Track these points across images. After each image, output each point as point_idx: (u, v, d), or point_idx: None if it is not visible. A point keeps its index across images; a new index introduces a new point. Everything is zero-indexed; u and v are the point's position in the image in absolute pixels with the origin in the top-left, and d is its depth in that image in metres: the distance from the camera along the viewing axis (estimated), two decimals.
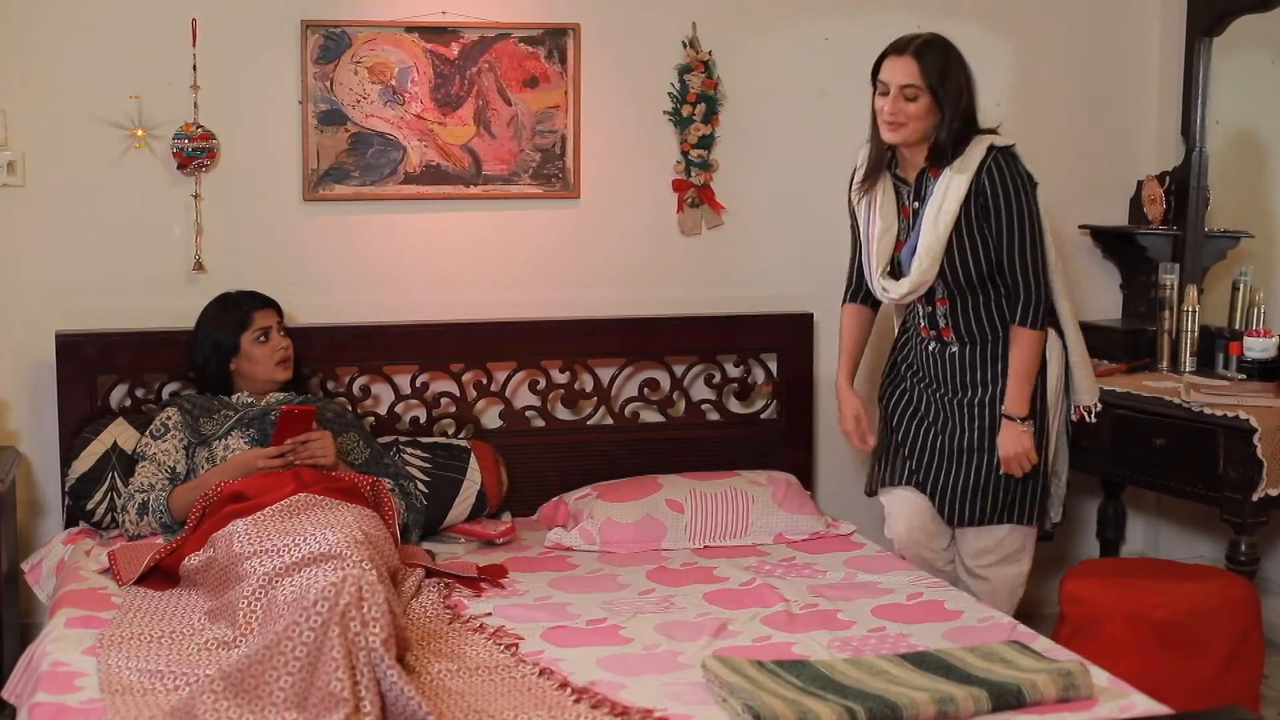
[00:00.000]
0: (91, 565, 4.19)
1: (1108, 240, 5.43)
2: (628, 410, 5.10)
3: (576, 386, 5.04)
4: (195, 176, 4.74)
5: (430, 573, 4.18)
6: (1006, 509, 4.30)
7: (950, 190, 4.15)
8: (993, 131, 4.23)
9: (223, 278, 4.73)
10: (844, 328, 4.55)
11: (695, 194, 5.13)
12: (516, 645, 3.66)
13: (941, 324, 4.31)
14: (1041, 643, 3.66)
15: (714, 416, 5.16)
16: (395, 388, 4.91)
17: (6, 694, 3.62)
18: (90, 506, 4.44)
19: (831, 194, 5.08)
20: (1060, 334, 4.29)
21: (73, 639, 3.60)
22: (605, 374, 5.06)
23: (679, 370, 5.10)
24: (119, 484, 4.43)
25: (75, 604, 3.88)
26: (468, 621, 3.85)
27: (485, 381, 4.97)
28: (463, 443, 4.81)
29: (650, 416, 5.13)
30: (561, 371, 5.02)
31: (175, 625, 3.69)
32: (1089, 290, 5.46)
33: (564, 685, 3.37)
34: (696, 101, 5.08)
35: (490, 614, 3.92)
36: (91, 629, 3.66)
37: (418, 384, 4.92)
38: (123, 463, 4.46)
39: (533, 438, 5.01)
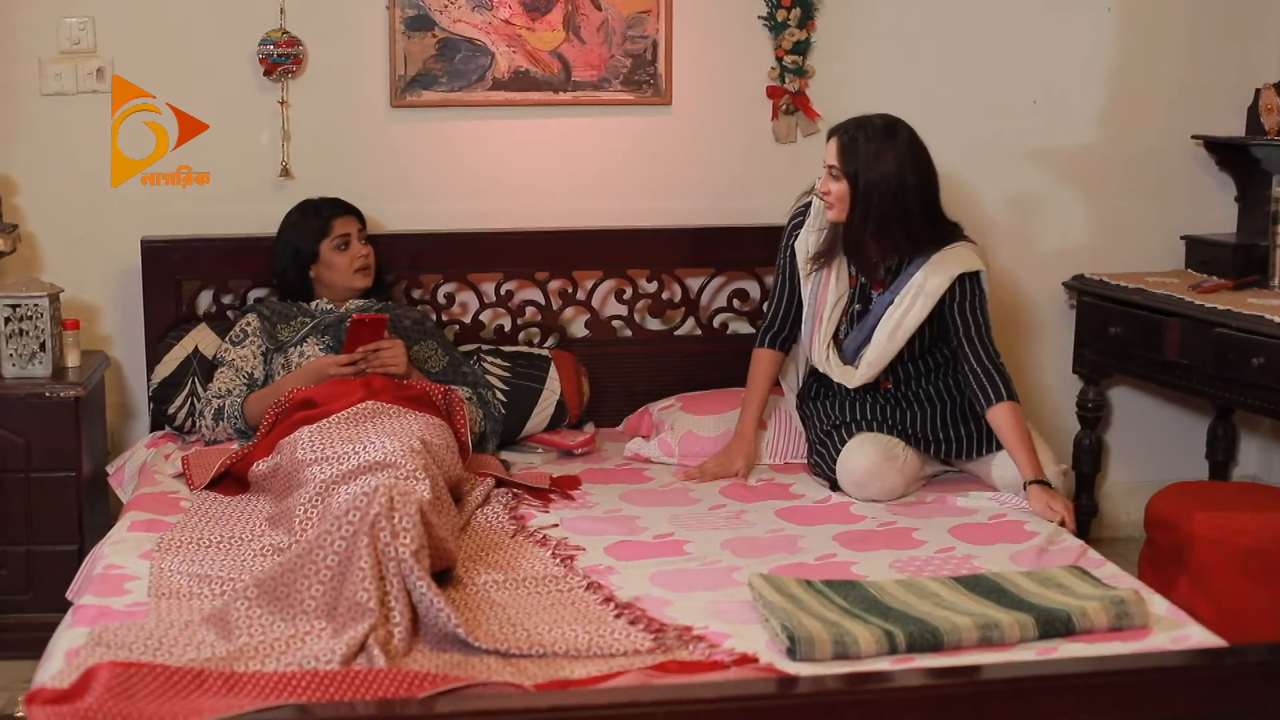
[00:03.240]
0: (168, 470, 4.25)
1: (1222, 151, 5.19)
2: (716, 321, 5.02)
3: (664, 296, 4.97)
4: (281, 83, 4.73)
5: (501, 483, 4.16)
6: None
7: (913, 309, 4.16)
8: (960, 233, 4.23)
9: (310, 184, 4.73)
10: (757, 373, 4.46)
11: (790, 101, 5.01)
12: (574, 558, 3.63)
13: (882, 378, 4.32)
14: (1107, 569, 3.55)
15: None
16: (480, 296, 4.88)
17: (70, 594, 3.68)
18: (171, 411, 4.50)
19: (929, 100, 4.97)
20: None
21: (132, 542, 3.65)
22: (694, 284, 4.99)
23: (770, 281, 5.00)
24: (199, 389, 4.47)
25: (143, 508, 3.94)
26: (532, 534, 3.82)
27: (571, 290, 4.92)
28: (543, 352, 4.78)
29: (740, 328, 5.04)
30: (649, 281, 4.96)
31: (236, 530, 3.72)
32: (1202, 203, 5.25)
33: (608, 600, 3.34)
34: (792, 6, 4.94)
35: (556, 525, 3.90)
36: (154, 533, 3.70)
37: (503, 292, 4.89)
38: (203, 368, 4.50)
39: (619, 348, 4.96)
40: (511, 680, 2.88)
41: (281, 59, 4.71)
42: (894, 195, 4.08)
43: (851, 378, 4.24)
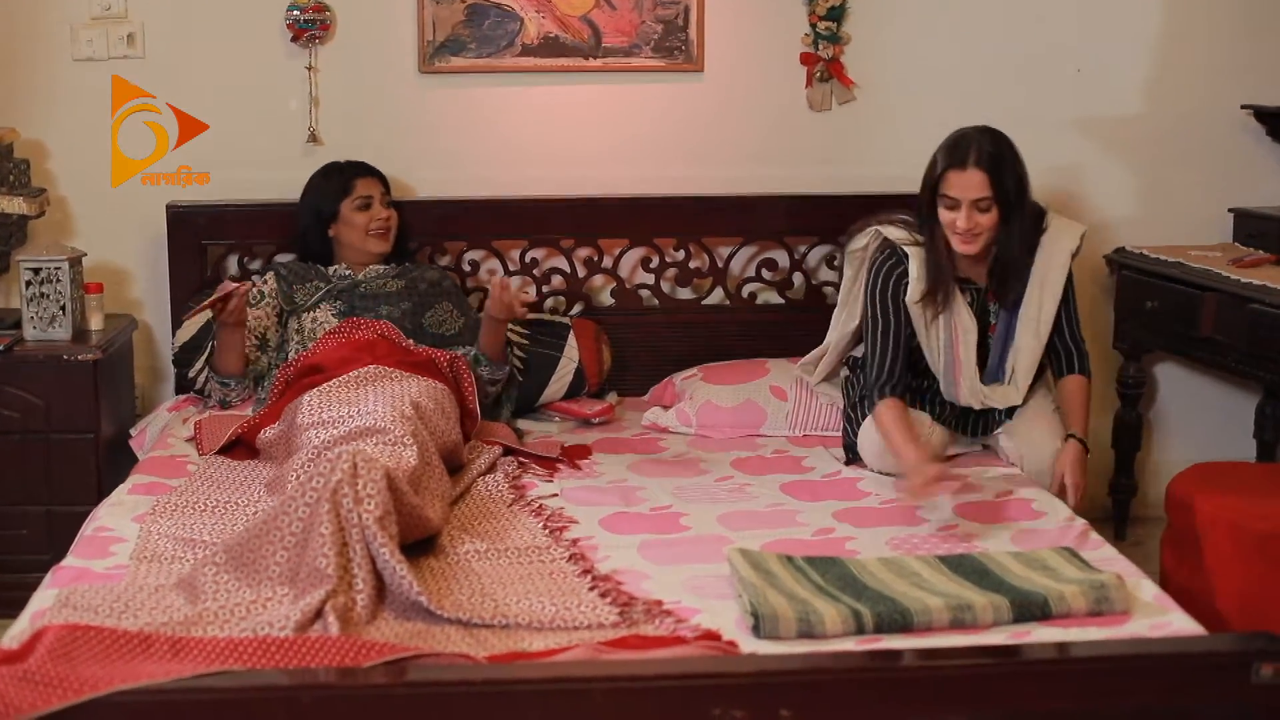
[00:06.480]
0: (183, 434, 4.28)
1: (1272, 121, 5.02)
2: (745, 291, 4.96)
3: (692, 265, 4.92)
4: (309, 49, 4.74)
5: (509, 451, 4.15)
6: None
7: (1046, 296, 4.09)
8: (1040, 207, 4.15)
9: (338, 150, 4.73)
10: (897, 422, 3.96)
11: (824, 68, 4.92)
12: (564, 529, 3.61)
13: None
14: (1103, 551, 3.46)
15: (835, 300, 4.96)
16: (506, 263, 4.86)
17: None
18: (192, 375, 4.52)
19: (968, 68, 4.89)
20: None
21: (128, 505, 3.68)
22: (723, 253, 4.93)
23: (800, 251, 4.93)
24: None
25: (148, 471, 3.98)
26: (529, 503, 3.81)
27: (597, 259, 4.89)
28: (563, 320, 4.75)
29: (769, 298, 4.98)
30: (676, 250, 4.91)
31: (234, 495, 3.74)
32: (1251, 175, 5.07)
33: (586, 572, 3.31)
34: None
35: (556, 495, 3.88)
36: (153, 496, 3.73)
37: (528, 259, 4.86)
38: None
39: (646, 317, 4.92)
40: (466, 651, 2.87)
41: (309, 25, 4.72)
42: (1026, 201, 4.03)
43: (1013, 395, 4.12)
